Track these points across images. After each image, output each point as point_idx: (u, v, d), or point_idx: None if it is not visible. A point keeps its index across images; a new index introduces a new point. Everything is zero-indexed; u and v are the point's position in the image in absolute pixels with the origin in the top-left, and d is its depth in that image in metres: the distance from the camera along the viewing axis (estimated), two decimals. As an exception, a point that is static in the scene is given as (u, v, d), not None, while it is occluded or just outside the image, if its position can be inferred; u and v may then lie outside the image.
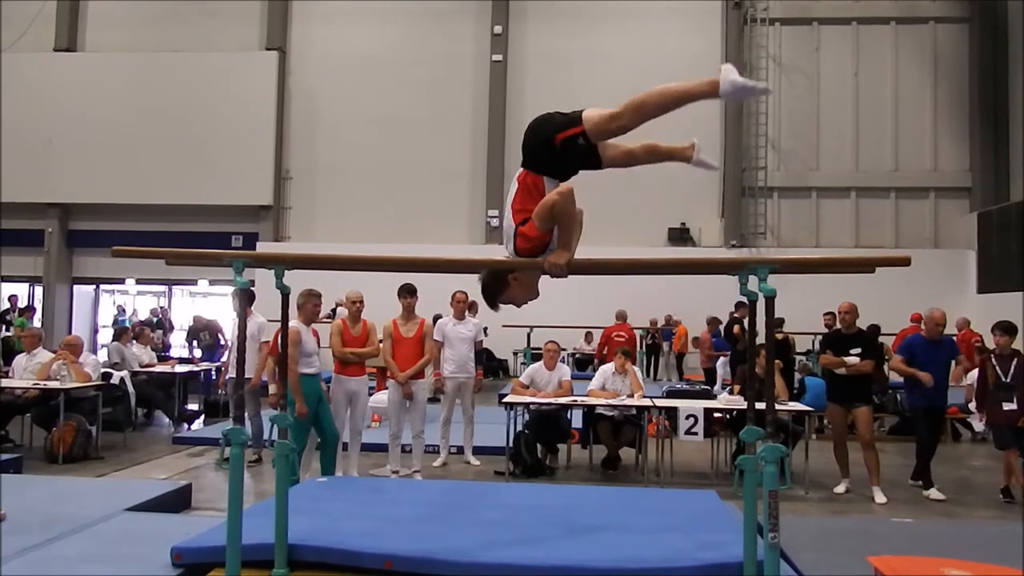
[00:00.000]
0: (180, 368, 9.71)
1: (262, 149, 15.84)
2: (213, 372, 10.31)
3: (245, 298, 3.61)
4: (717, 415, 6.90)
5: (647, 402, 6.78)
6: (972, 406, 7.84)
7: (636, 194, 15.05)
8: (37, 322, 14.22)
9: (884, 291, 10.01)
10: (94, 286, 17.50)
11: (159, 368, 9.54)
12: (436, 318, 7.88)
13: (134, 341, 9.61)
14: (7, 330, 13.71)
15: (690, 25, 15.60)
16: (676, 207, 15.24)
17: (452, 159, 15.75)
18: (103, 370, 7.97)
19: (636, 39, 15.33)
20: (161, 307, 16.66)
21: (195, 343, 11.25)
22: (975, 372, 7.39)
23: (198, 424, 9.49)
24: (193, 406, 9.84)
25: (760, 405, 3.29)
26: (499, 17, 15.77)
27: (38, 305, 15.82)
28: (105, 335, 16.43)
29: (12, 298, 15.03)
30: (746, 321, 3.79)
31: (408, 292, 6.50)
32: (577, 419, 7.34)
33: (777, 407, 3.59)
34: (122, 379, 8.25)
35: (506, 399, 6.98)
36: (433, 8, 15.90)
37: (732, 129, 15.28)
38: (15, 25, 16.02)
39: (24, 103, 15.71)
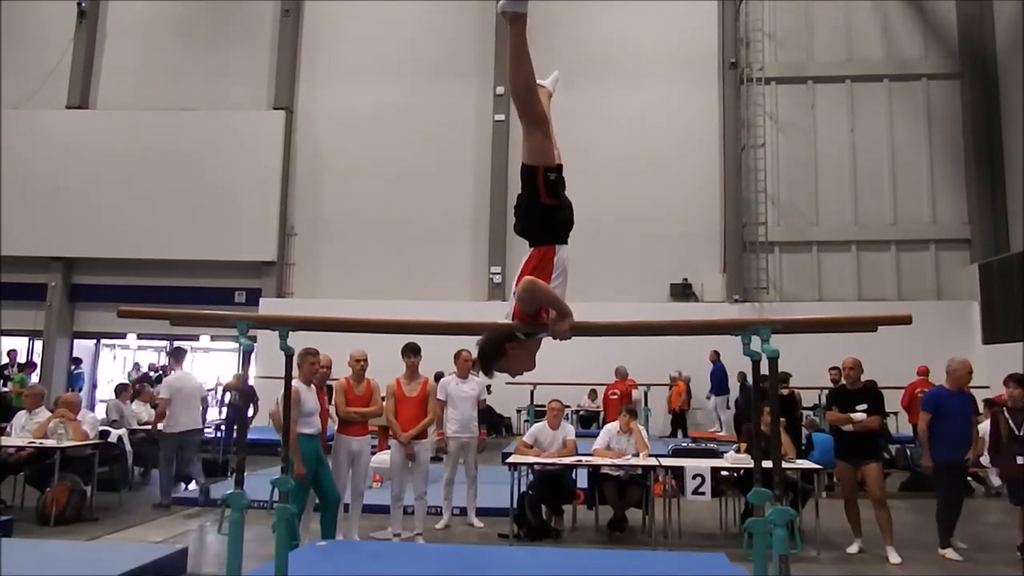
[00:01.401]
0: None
1: (267, 206, 16.01)
2: (215, 431, 10.25)
3: (245, 358, 3.60)
4: (724, 473, 6.78)
5: (653, 461, 6.67)
6: (984, 460, 7.71)
7: (638, 250, 15.18)
8: (36, 378, 14.11)
9: (889, 343, 9.82)
10: (95, 341, 17.43)
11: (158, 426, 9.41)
12: (438, 376, 7.82)
13: (134, 398, 9.54)
14: (5, 386, 13.61)
15: (689, 85, 15.96)
16: (678, 263, 15.29)
17: (455, 216, 15.90)
18: (101, 428, 7.88)
19: (637, 99, 15.65)
20: (161, 365, 16.56)
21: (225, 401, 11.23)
22: (986, 424, 7.29)
23: (195, 484, 9.30)
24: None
25: (767, 464, 3.23)
26: (501, 78, 16.14)
27: (37, 360, 15.72)
28: (105, 391, 16.28)
29: (11, 353, 14.95)
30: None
31: (412, 351, 6.47)
32: (582, 479, 7.21)
33: (785, 465, 3.52)
34: (120, 437, 8.15)
35: (510, 459, 6.87)
36: (437, 68, 16.30)
37: (732, 185, 15.46)
38: (30, 82, 16.46)
39: (32, 159, 15.96)
